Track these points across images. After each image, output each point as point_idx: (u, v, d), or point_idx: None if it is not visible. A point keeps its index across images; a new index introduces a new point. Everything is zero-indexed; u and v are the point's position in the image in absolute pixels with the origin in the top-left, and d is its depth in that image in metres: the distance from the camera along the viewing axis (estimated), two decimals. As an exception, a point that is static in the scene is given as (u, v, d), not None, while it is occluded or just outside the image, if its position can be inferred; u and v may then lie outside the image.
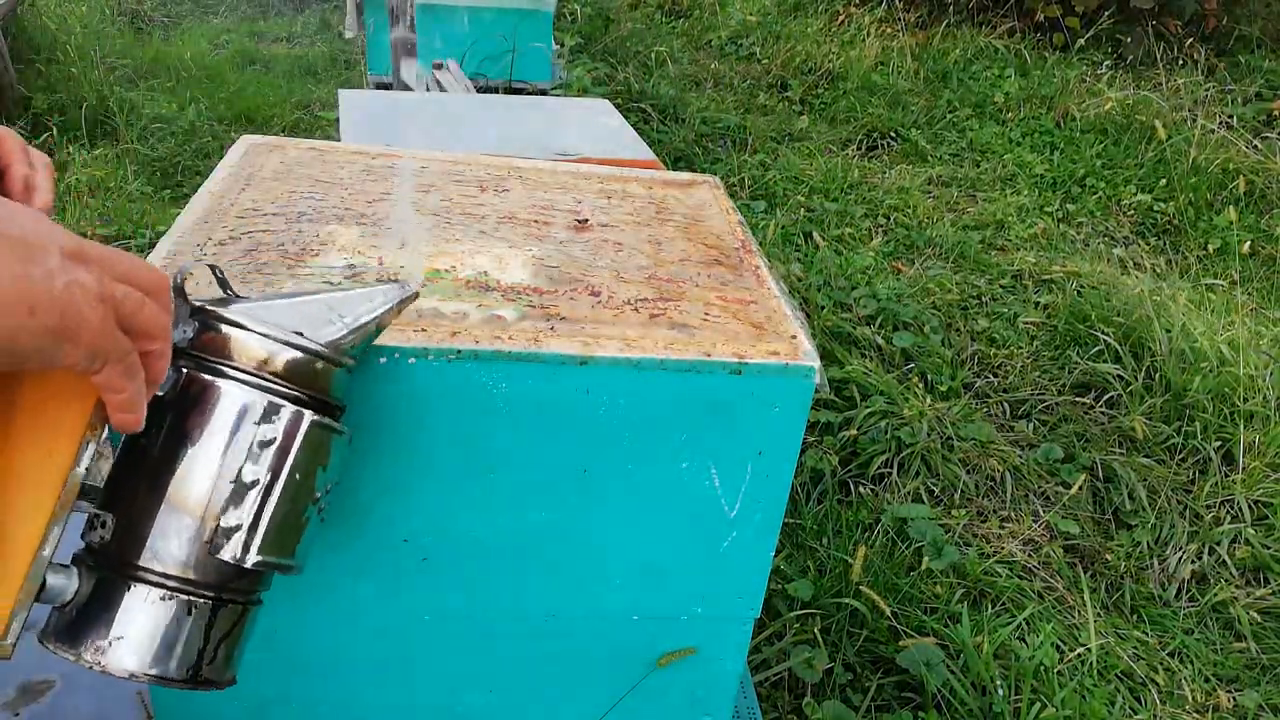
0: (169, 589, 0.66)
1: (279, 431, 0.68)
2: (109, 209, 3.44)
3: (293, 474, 0.69)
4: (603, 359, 0.92)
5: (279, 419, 0.68)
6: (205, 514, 0.66)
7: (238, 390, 0.67)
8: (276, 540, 0.69)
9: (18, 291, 0.52)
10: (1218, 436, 2.65)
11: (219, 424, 0.67)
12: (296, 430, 0.69)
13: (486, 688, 1.15)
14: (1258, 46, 5.95)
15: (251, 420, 0.67)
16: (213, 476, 0.66)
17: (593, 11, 6.08)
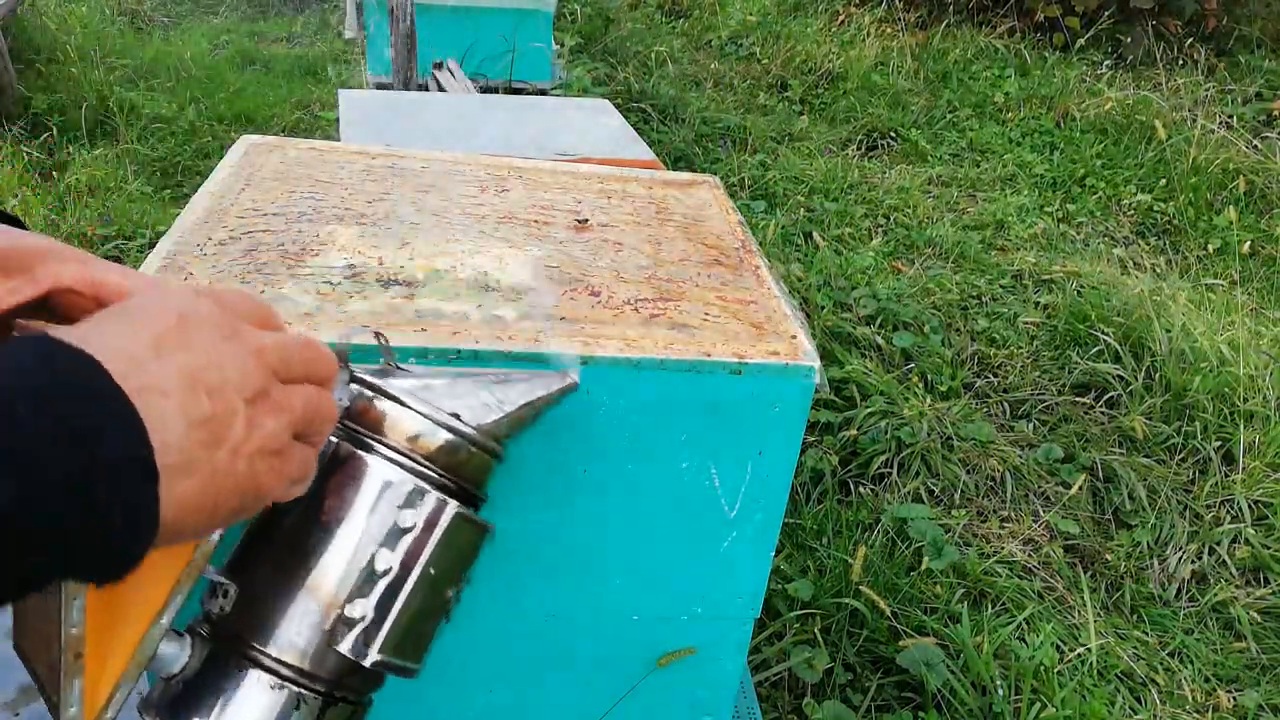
0: (281, 677, 0.60)
1: (421, 518, 0.62)
2: (109, 209, 3.44)
3: (428, 567, 0.63)
4: (603, 359, 0.92)
5: (422, 504, 0.63)
6: (330, 600, 0.60)
7: (384, 468, 0.62)
8: (400, 639, 0.63)
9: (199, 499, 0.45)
10: (1218, 436, 2.65)
11: (360, 502, 0.62)
12: (439, 519, 0.63)
13: (487, 688, 1.15)
14: (1258, 46, 5.95)
15: (393, 502, 0.62)
16: (344, 559, 0.60)
17: (593, 11, 6.08)
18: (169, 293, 0.51)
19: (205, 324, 0.49)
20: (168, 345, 0.46)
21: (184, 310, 0.48)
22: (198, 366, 0.47)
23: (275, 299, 0.93)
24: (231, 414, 0.47)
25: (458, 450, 0.66)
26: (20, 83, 4.25)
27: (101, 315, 0.47)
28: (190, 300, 0.50)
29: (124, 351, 0.43)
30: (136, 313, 0.47)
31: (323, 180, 1.23)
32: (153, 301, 0.49)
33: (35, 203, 3.41)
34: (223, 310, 0.51)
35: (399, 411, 0.64)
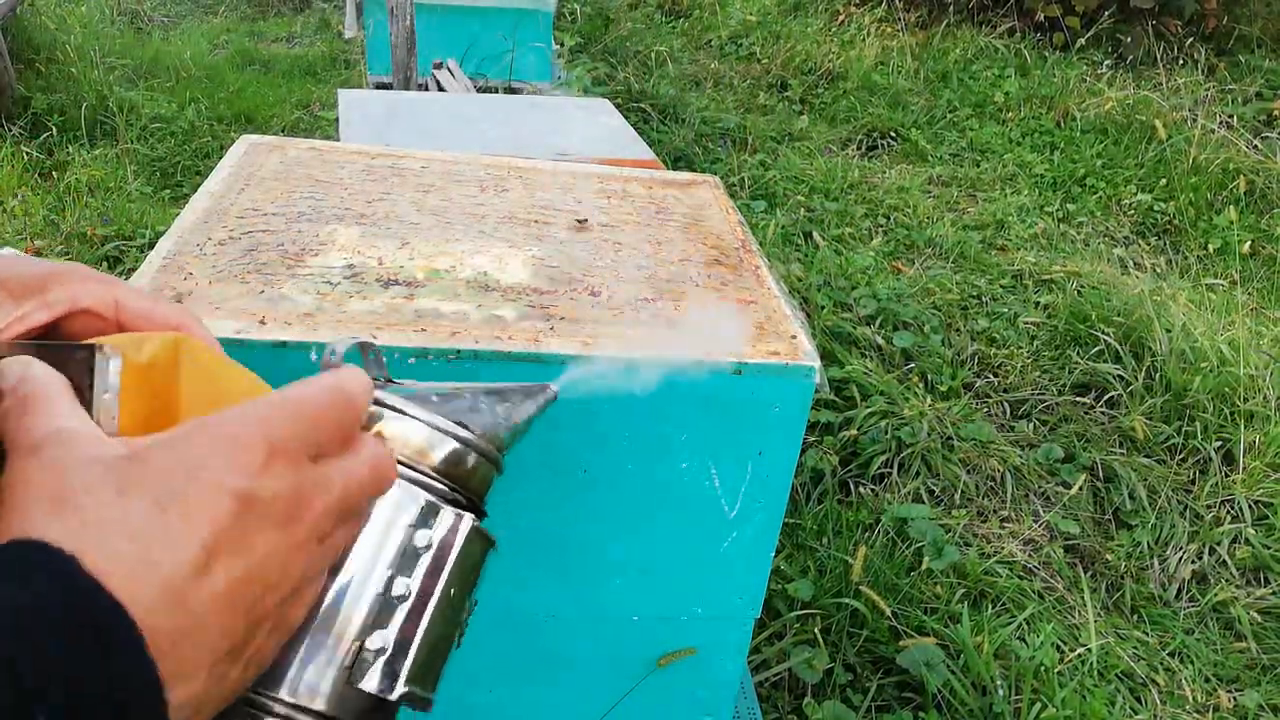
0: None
1: (437, 536, 0.59)
2: (109, 209, 3.44)
3: (448, 588, 0.59)
4: (603, 359, 0.92)
5: (437, 521, 0.59)
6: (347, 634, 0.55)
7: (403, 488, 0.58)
8: (424, 668, 0.58)
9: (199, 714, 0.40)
10: (1218, 436, 2.65)
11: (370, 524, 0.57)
12: (455, 536, 0.59)
13: (486, 688, 1.15)
14: (1258, 46, 5.95)
15: (406, 521, 0.58)
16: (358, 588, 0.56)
17: (593, 11, 6.08)
18: (230, 435, 0.42)
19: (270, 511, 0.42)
20: (219, 554, 0.39)
21: (247, 490, 0.41)
22: (245, 577, 0.40)
23: (275, 299, 0.93)
24: (260, 624, 0.42)
25: (467, 460, 0.63)
26: (20, 82, 4.25)
27: (137, 480, 0.39)
28: (254, 461, 0.42)
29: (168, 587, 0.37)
30: (192, 491, 0.39)
31: (323, 180, 1.23)
32: (214, 464, 0.41)
33: (35, 203, 3.41)
34: (288, 475, 0.43)
35: (405, 424, 0.60)
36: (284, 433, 0.44)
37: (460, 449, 0.62)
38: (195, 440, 0.41)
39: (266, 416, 0.44)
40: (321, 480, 0.45)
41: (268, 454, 0.42)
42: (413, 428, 0.60)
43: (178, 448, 0.41)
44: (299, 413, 0.45)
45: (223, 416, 0.43)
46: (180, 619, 0.37)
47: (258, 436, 0.42)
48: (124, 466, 0.39)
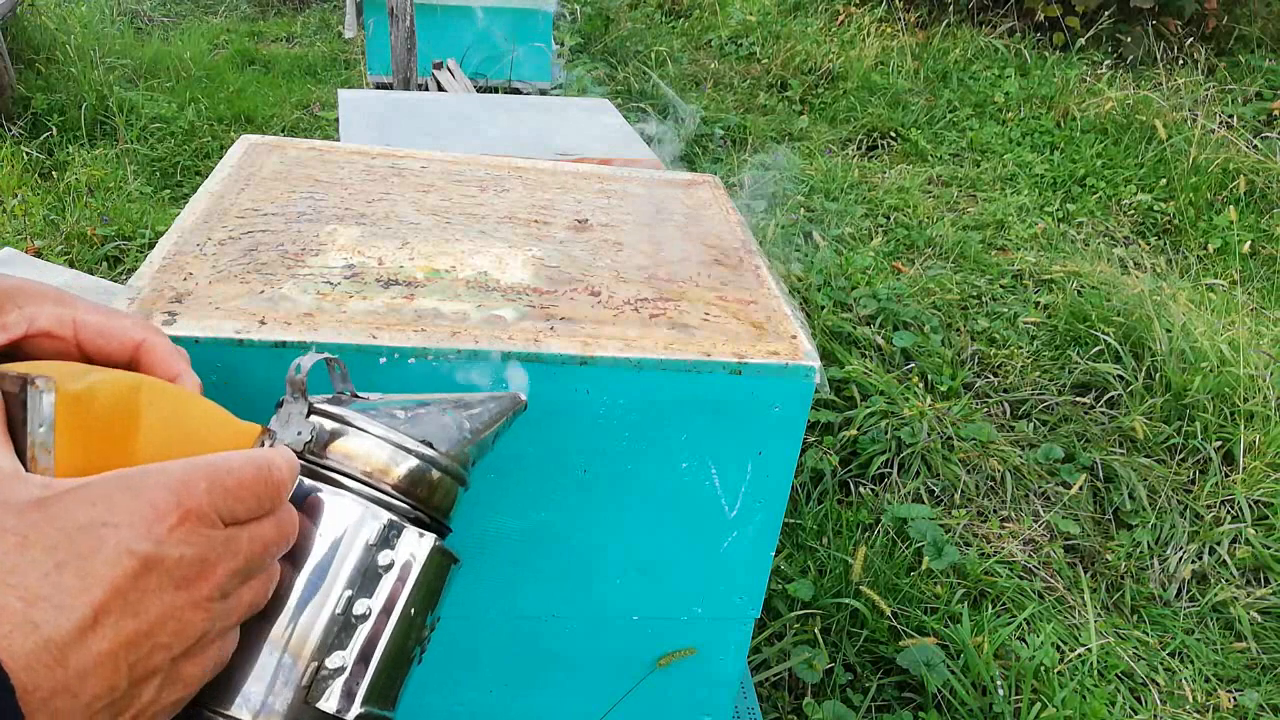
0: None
1: (398, 556, 0.58)
2: (109, 209, 3.44)
3: (408, 608, 0.58)
4: (603, 359, 0.92)
5: (399, 541, 0.58)
6: (306, 653, 0.54)
7: (355, 505, 0.57)
8: (383, 687, 0.58)
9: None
10: (1218, 436, 2.65)
11: (329, 543, 0.56)
12: (417, 556, 0.58)
13: (486, 688, 1.15)
14: (1258, 46, 5.95)
15: (367, 540, 0.57)
16: (318, 608, 0.55)
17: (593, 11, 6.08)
18: (149, 502, 0.42)
19: (173, 572, 0.43)
20: (109, 615, 0.40)
21: (151, 554, 0.41)
22: (135, 637, 0.41)
23: (275, 299, 0.93)
24: (147, 680, 0.43)
25: (430, 478, 0.61)
26: (20, 82, 4.25)
27: (41, 532, 0.39)
28: (166, 528, 0.42)
29: (47, 645, 0.38)
30: (100, 552, 0.40)
31: (323, 180, 1.23)
32: (126, 527, 0.41)
33: (35, 203, 3.41)
34: (195, 538, 0.44)
35: (367, 441, 0.59)
36: (200, 501, 0.44)
37: (422, 466, 0.61)
38: (111, 496, 0.42)
39: (186, 480, 0.44)
40: (230, 542, 0.46)
41: (179, 518, 0.43)
42: (374, 445, 0.59)
43: (91, 501, 0.41)
44: (219, 483, 0.45)
45: (144, 473, 0.43)
46: (57, 676, 0.38)
47: (172, 501, 0.43)
48: (32, 515, 0.40)
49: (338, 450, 0.60)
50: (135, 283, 0.92)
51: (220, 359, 0.87)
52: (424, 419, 0.64)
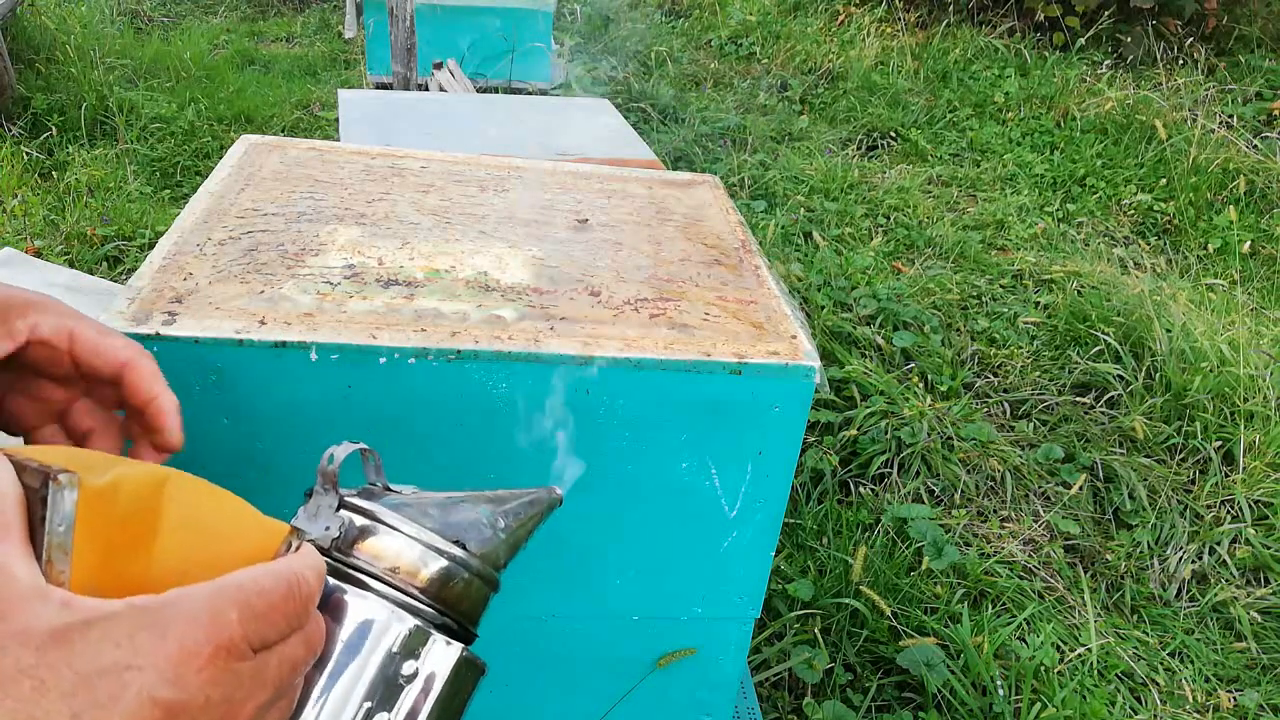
0: None
1: (423, 666, 0.54)
2: (109, 209, 3.44)
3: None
4: (603, 359, 0.92)
5: (426, 650, 0.54)
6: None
7: (380, 607, 0.54)
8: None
9: None
10: (1218, 436, 2.65)
11: (350, 649, 0.53)
12: (443, 666, 0.55)
13: (486, 688, 1.15)
14: (1258, 46, 5.95)
15: (389, 648, 0.53)
16: (334, 717, 0.51)
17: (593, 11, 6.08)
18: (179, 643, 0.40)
19: (201, 714, 0.41)
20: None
21: (177, 700, 0.39)
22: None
23: (275, 299, 0.93)
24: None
25: (460, 582, 0.58)
26: (20, 82, 4.25)
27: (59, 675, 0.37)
28: (195, 670, 0.40)
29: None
30: (121, 700, 0.38)
31: (323, 180, 1.23)
32: (152, 671, 0.39)
33: (35, 203, 3.41)
34: (225, 678, 0.42)
35: (397, 540, 0.56)
36: (233, 634, 0.42)
37: (453, 568, 0.57)
38: (135, 634, 0.39)
39: (215, 611, 0.41)
40: (259, 673, 0.43)
41: (209, 657, 0.40)
42: (404, 544, 0.56)
43: (115, 641, 0.39)
44: (250, 609, 0.43)
45: (171, 604, 0.41)
46: None
47: (202, 638, 0.40)
48: (51, 654, 0.37)
49: (366, 549, 0.56)
50: (135, 283, 0.92)
51: (220, 359, 0.87)
52: (457, 514, 0.61)
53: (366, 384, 0.89)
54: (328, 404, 0.90)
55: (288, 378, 0.88)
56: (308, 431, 0.91)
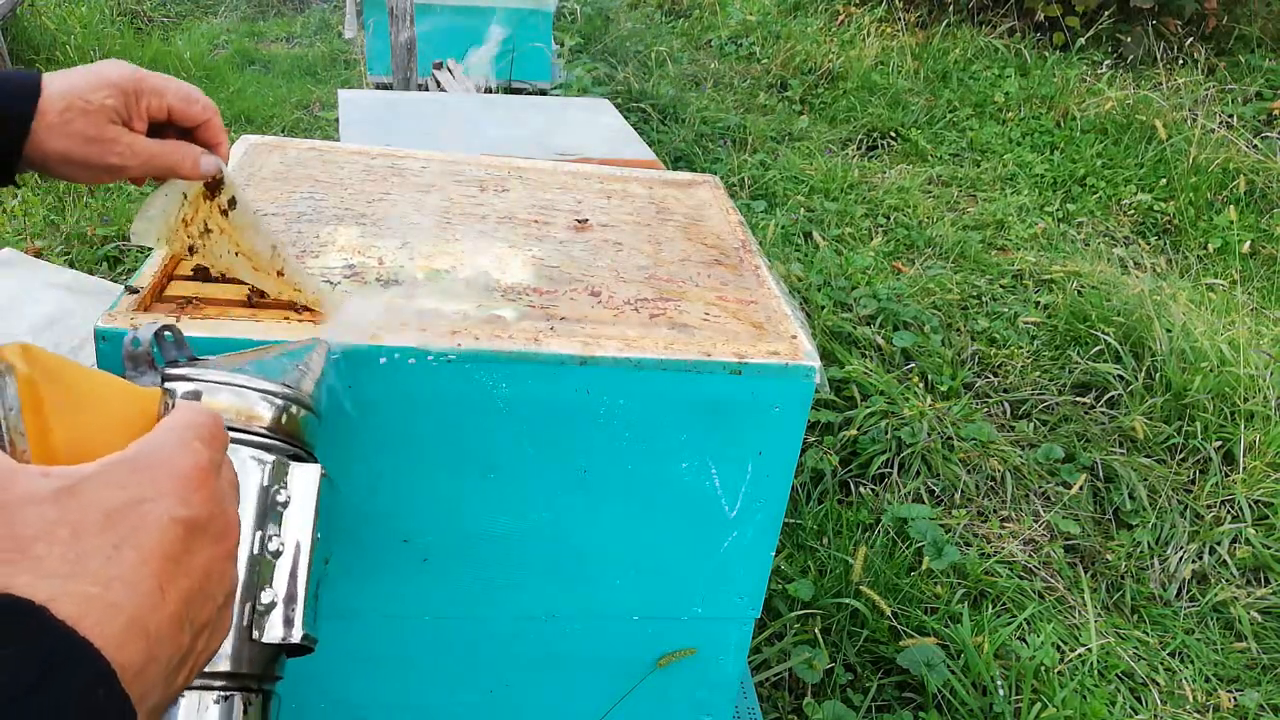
0: (217, 689, 0.57)
1: (294, 490, 0.62)
2: (109, 209, 3.44)
3: (314, 532, 0.63)
4: (603, 359, 0.92)
5: (290, 477, 0.62)
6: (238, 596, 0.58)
7: (241, 453, 0.60)
8: (312, 611, 0.62)
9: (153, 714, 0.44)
10: (1218, 436, 2.65)
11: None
12: (309, 484, 0.63)
13: (486, 688, 1.15)
14: (1258, 46, 5.95)
15: (259, 483, 0.61)
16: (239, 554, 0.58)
17: (593, 11, 6.08)
18: (174, 472, 0.47)
19: (209, 530, 0.47)
20: (171, 580, 0.44)
21: (193, 517, 0.46)
22: (192, 596, 0.45)
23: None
24: (202, 632, 0.47)
25: (295, 414, 0.66)
26: (20, 83, 4.24)
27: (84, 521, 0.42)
28: (196, 490, 0.47)
29: (132, 623, 0.41)
30: (145, 527, 0.43)
31: (323, 180, 1.23)
32: (163, 499, 0.45)
33: (35, 203, 3.41)
34: (218, 496, 0.49)
35: (232, 392, 0.63)
36: (206, 457, 0.49)
37: (284, 404, 0.65)
38: (134, 475, 0.45)
39: (188, 443, 0.48)
40: (229, 488, 0.51)
41: (201, 478, 0.47)
42: (240, 394, 0.63)
43: (119, 484, 0.44)
44: (204, 437, 0.50)
45: (149, 449, 0.47)
46: (143, 648, 0.41)
47: (188, 464, 0.47)
48: (69, 504, 0.42)
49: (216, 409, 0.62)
50: (136, 283, 0.92)
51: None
52: (265, 365, 0.68)
53: (366, 384, 0.89)
54: (328, 404, 0.90)
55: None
56: (308, 431, 0.91)
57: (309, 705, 1.13)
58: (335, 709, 1.13)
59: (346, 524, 0.98)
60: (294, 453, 0.65)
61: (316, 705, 1.13)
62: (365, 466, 0.95)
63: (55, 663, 0.37)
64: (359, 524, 0.98)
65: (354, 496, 0.96)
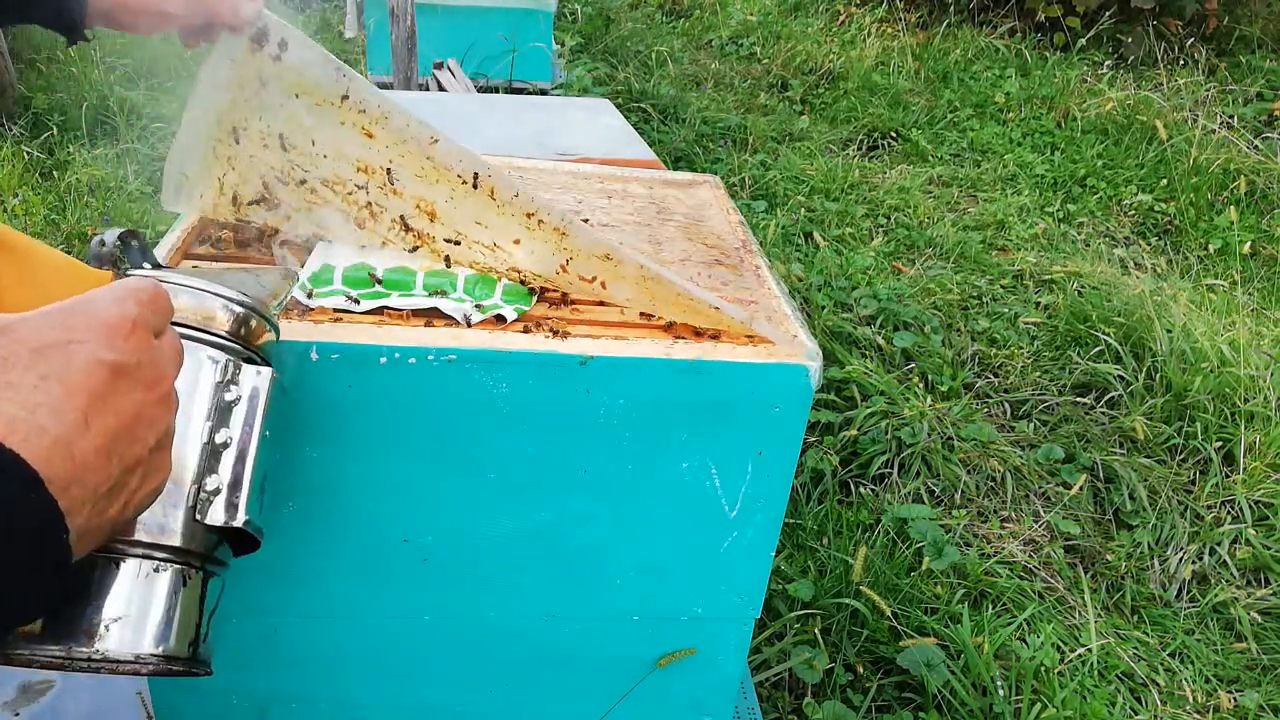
0: (160, 560, 0.63)
1: (245, 389, 0.67)
2: (109, 209, 3.44)
3: (262, 431, 0.68)
4: (603, 359, 0.92)
5: (242, 377, 0.67)
6: (185, 479, 0.64)
7: (198, 350, 0.66)
8: (256, 501, 0.67)
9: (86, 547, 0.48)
10: (1218, 437, 2.65)
11: (188, 386, 0.64)
12: (261, 386, 0.68)
13: (487, 688, 1.15)
14: (1258, 47, 5.95)
15: (213, 380, 0.66)
16: (182, 442, 0.63)
17: (593, 11, 6.08)
18: (103, 320, 0.50)
19: (137, 376, 0.51)
20: (96, 414, 0.47)
21: (119, 361, 0.49)
22: (119, 433, 0.49)
23: (275, 299, 0.93)
24: (133, 470, 0.50)
25: (251, 322, 0.71)
26: (21, 82, 4.25)
27: (17, 356, 0.46)
28: (123, 338, 0.50)
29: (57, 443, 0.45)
30: (72, 365, 0.47)
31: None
32: (90, 342, 0.48)
33: (35, 202, 3.41)
34: (147, 347, 0.52)
35: (197, 296, 0.68)
36: (142, 312, 0.53)
37: (245, 312, 0.70)
38: (67, 319, 0.49)
39: (121, 299, 0.52)
40: (165, 351, 0.55)
41: (130, 329, 0.51)
42: (198, 297, 0.68)
43: (51, 325, 0.48)
44: (141, 299, 0.53)
45: (85, 300, 0.51)
46: (69, 469, 0.45)
47: (118, 314, 0.51)
48: (5, 344, 0.46)
49: (179, 309, 0.67)
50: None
51: (220, 359, 0.86)
52: (228, 278, 0.72)
53: (366, 384, 0.89)
54: (328, 403, 0.90)
55: (288, 377, 0.88)
56: (308, 431, 0.91)
57: (310, 705, 1.13)
58: (335, 709, 1.13)
59: (347, 524, 0.98)
60: (249, 357, 0.70)
61: (317, 705, 1.13)
62: (365, 466, 0.95)
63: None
64: (359, 524, 0.98)
65: (354, 496, 0.96)
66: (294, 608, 1.04)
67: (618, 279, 0.98)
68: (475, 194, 0.97)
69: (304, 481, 0.93)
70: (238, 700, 1.10)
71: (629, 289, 0.98)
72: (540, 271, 1.00)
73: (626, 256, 0.96)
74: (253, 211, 0.99)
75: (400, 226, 0.99)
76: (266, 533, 0.71)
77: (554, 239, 0.98)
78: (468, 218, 0.98)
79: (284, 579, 1.01)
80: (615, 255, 0.96)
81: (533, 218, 0.97)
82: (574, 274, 1.00)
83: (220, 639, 1.05)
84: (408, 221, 0.99)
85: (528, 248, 0.99)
